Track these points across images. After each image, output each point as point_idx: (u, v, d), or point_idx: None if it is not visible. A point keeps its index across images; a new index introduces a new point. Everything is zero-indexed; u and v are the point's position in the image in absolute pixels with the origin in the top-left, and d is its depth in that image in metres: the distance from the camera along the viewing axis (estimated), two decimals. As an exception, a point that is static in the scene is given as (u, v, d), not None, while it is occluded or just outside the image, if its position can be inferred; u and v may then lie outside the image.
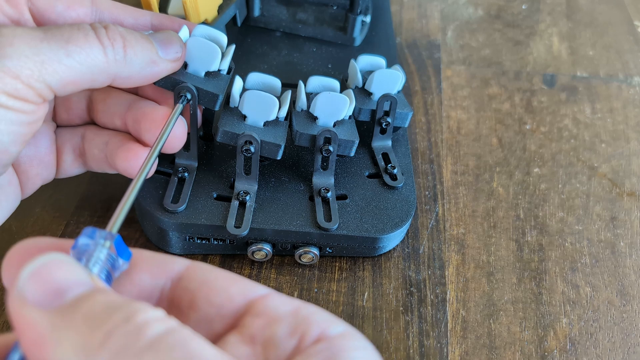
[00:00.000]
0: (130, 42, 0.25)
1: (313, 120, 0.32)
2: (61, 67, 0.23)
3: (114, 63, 0.25)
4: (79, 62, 0.23)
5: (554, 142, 0.41)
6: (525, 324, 0.31)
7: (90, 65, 0.24)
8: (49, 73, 0.23)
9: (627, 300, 0.32)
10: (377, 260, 0.33)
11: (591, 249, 0.35)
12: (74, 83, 0.24)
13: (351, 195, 0.33)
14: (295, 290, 0.32)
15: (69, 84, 0.24)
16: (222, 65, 0.31)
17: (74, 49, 0.23)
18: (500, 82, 0.46)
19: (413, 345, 0.30)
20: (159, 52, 0.27)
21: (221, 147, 0.35)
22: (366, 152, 0.35)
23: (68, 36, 0.23)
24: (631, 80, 0.47)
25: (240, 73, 0.34)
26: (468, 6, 0.54)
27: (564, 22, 0.53)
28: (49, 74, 0.23)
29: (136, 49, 0.25)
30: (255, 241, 0.32)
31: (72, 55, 0.23)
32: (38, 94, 0.23)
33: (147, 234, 0.34)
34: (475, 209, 0.36)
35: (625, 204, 0.37)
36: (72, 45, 0.23)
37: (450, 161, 0.39)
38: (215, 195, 0.32)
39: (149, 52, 0.26)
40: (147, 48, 0.26)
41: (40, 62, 0.22)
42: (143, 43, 0.26)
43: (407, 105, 0.35)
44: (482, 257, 0.34)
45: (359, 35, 0.43)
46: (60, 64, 0.23)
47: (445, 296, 0.32)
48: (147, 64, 0.26)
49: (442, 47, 0.49)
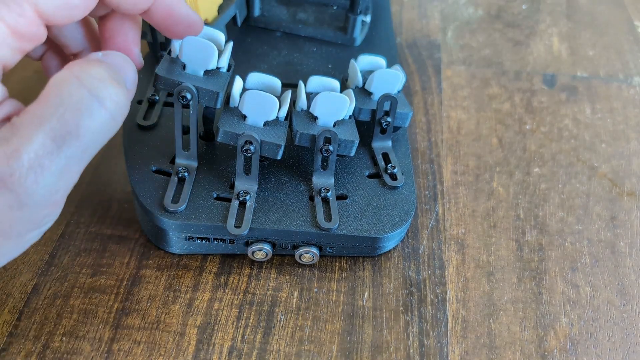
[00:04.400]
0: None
1: (313, 120, 0.32)
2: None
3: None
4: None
5: (554, 142, 0.41)
6: (525, 323, 0.31)
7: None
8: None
9: (627, 300, 0.32)
10: (377, 260, 0.33)
11: (591, 249, 0.35)
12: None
13: (351, 195, 0.33)
14: (295, 290, 0.32)
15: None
16: (221, 62, 0.31)
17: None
18: (501, 82, 0.46)
19: (413, 345, 0.30)
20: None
21: (221, 147, 0.35)
22: (366, 152, 0.35)
23: None
24: (631, 80, 0.47)
25: (241, 73, 0.34)
26: (468, 6, 0.54)
27: (564, 22, 0.53)
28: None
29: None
30: (255, 241, 0.32)
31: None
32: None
33: (147, 234, 0.34)
34: (475, 209, 0.36)
35: (625, 204, 0.37)
36: None
37: (451, 161, 0.39)
38: (215, 195, 0.32)
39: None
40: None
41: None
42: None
43: (407, 105, 0.35)
44: (482, 256, 0.34)
45: (359, 35, 0.43)
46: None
47: (445, 296, 0.32)
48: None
49: (442, 47, 0.49)
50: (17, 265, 0.32)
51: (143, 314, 0.30)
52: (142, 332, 0.30)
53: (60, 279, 0.32)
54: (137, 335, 0.30)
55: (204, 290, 0.32)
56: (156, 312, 0.31)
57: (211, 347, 0.29)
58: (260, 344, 0.30)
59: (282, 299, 0.32)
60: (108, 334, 0.30)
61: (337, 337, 0.30)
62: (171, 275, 0.32)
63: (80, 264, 0.32)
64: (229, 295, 0.31)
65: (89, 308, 0.31)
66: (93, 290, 0.31)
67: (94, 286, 0.31)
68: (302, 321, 0.31)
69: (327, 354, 0.29)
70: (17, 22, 0.22)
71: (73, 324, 0.30)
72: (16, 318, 0.30)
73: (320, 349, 0.30)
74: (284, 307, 0.31)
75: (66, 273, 0.32)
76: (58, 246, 0.33)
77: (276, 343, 0.30)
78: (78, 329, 0.30)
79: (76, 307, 0.31)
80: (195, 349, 0.29)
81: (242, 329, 0.30)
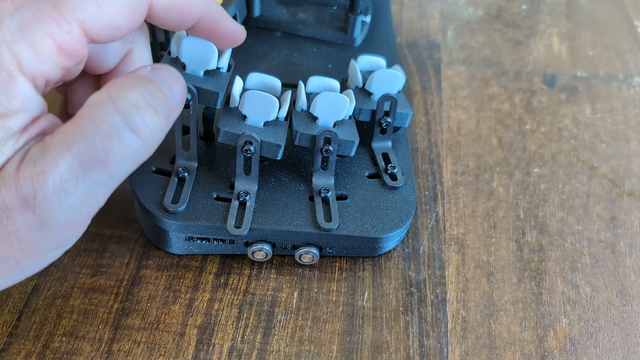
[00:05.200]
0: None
1: (313, 120, 0.32)
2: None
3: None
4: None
5: (554, 142, 0.41)
6: (525, 324, 0.31)
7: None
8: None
9: (627, 300, 0.32)
10: (377, 260, 0.33)
11: (591, 249, 0.35)
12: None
13: (351, 195, 0.33)
14: (295, 290, 0.32)
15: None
16: (220, 63, 0.31)
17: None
18: (500, 82, 0.46)
19: (413, 345, 0.30)
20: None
21: (221, 147, 0.35)
22: (366, 152, 0.35)
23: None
24: (631, 80, 0.47)
25: (240, 73, 0.34)
26: (468, 6, 0.54)
27: (564, 22, 0.53)
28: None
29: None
30: (255, 241, 0.32)
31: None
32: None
33: (147, 234, 0.34)
34: (475, 209, 0.36)
35: (625, 204, 0.37)
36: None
37: (450, 161, 0.39)
38: (215, 196, 0.32)
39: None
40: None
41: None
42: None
43: (407, 106, 0.35)
44: (482, 257, 0.34)
45: (359, 35, 0.43)
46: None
47: (445, 296, 0.32)
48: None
49: (442, 47, 0.49)
50: (17, 266, 0.32)
51: (143, 314, 0.30)
52: (142, 333, 0.30)
53: (60, 279, 0.32)
54: (137, 335, 0.30)
55: (204, 290, 0.32)
56: (156, 313, 0.31)
57: (211, 347, 0.29)
58: (260, 344, 0.30)
59: (282, 299, 0.32)
60: (108, 334, 0.30)
61: (337, 337, 0.30)
62: (171, 276, 0.32)
63: (80, 264, 0.32)
64: (229, 296, 0.31)
65: (89, 308, 0.31)
66: (93, 291, 0.31)
67: (94, 286, 0.31)
68: (302, 321, 0.31)
69: (327, 354, 0.29)
70: (64, 40, 0.22)
71: (73, 324, 0.30)
72: (16, 318, 0.30)
73: (320, 349, 0.30)
74: (284, 308, 0.31)
75: (66, 273, 0.32)
76: (58, 246, 0.33)
77: (276, 343, 0.30)
78: (78, 329, 0.30)
79: (76, 308, 0.31)
80: (195, 349, 0.29)
81: (242, 329, 0.30)
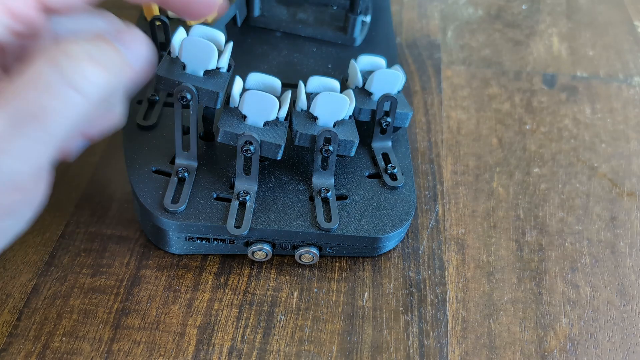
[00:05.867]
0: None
1: (313, 120, 0.32)
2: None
3: None
4: None
5: (554, 142, 0.41)
6: (525, 324, 0.31)
7: None
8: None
9: (627, 300, 0.32)
10: (377, 260, 0.33)
11: (591, 249, 0.35)
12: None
13: (351, 195, 0.33)
14: (295, 290, 0.32)
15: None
16: (220, 63, 0.31)
17: None
18: (500, 82, 0.46)
19: (413, 345, 0.30)
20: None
21: (221, 147, 0.35)
22: (366, 152, 0.35)
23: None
24: (631, 80, 0.47)
25: (241, 73, 0.34)
26: (468, 6, 0.54)
27: (564, 22, 0.53)
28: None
29: None
30: (255, 241, 0.32)
31: None
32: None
33: (147, 234, 0.34)
34: (475, 209, 0.36)
35: (625, 204, 0.37)
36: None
37: (450, 161, 0.39)
38: (215, 196, 0.32)
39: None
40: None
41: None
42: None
43: (407, 106, 0.35)
44: (482, 257, 0.34)
45: (359, 35, 0.43)
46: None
47: (445, 296, 0.32)
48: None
49: (442, 47, 0.49)
50: (17, 265, 0.32)
51: (143, 314, 0.30)
52: (142, 332, 0.30)
53: (60, 279, 0.32)
54: (137, 335, 0.30)
55: (203, 290, 0.32)
56: (156, 313, 0.31)
57: (211, 347, 0.29)
58: (260, 344, 0.30)
59: (282, 299, 0.32)
60: (108, 334, 0.30)
61: (337, 337, 0.30)
62: (171, 276, 0.32)
63: (80, 264, 0.32)
64: (229, 296, 0.31)
65: (88, 308, 0.31)
66: (93, 291, 0.31)
67: (94, 286, 0.31)
68: (302, 321, 0.31)
69: (327, 354, 0.29)
70: (14, 3, 0.22)
71: (73, 324, 0.30)
72: (16, 318, 0.30)
73: (320, 349, 0.30)
74: (284, 307, 0.31)
75: (66, 273, 0.32)
76: (58, 246, 0.33)
77: (276, 343, 0.30)
78: (78, 329, 0.30)
79: (76, 307, 0.31)
80: (195, 349, 0.29)
81: (242, 329, 0.30)
